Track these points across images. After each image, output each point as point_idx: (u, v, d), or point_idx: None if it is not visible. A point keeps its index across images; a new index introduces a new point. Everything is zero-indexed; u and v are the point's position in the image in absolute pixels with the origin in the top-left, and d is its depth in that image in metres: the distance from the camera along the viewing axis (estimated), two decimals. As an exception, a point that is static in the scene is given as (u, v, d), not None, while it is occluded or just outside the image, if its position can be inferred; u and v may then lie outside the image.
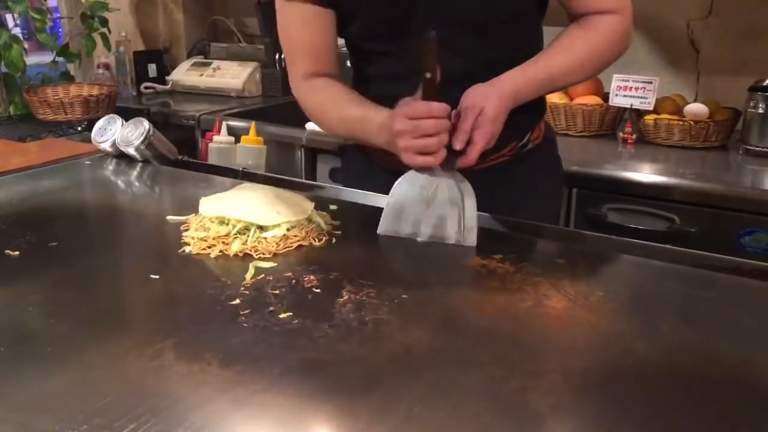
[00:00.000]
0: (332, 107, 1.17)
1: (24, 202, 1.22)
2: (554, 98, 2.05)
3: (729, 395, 0.64)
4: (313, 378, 0.65)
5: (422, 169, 0.98)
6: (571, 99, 2.08)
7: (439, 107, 0.95)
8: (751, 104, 1.83)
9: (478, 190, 1.13)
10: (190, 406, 0.61)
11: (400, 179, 1.00)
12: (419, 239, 0.98)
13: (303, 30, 1.16)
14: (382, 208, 1.01)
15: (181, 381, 0.65)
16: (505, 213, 1.10)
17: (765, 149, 1.80)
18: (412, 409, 0.61)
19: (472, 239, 0.96)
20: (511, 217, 1.09)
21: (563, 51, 1.09)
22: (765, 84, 1.85)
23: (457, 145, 0.97)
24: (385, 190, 1.15)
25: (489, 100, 0.99)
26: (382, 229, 0.99)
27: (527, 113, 1.15)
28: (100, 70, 2.82)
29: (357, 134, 1.16)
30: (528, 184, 1.24)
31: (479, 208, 1.00)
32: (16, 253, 0.95)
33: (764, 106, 1.80)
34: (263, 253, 0.94)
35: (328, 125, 1.23)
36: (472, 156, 0.97)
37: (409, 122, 0.95)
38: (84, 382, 0.65)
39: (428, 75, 0.93)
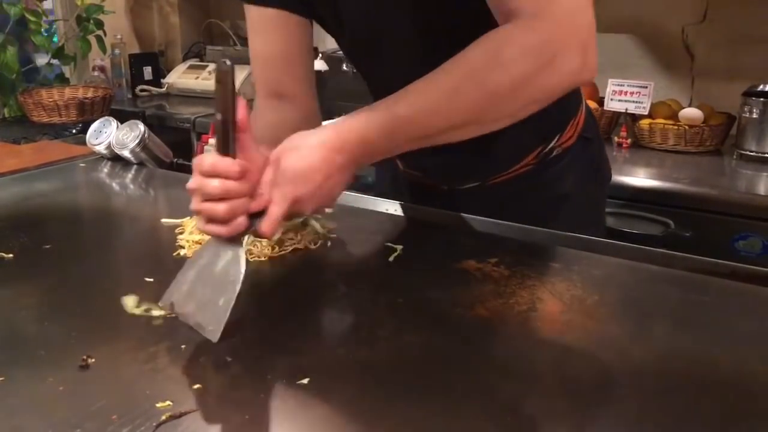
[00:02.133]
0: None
1: (18, 204, 1.22)
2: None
3: (723, 399, 0.64)
4: (308, 382, 0.65)
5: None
6: (567, 103, 2.09)
7: (230, 165, 0.73)
8: (746, 109, 1.84)
9: (500, 206, 1.09)
10: (183, 411, 0.61)
11: (201, 246, 0.82)
12: (177, 315, 0.77)
13: (270, 36, 1.02)
14: (380, 212, 1.00)
15: (175, 385, 0.65)
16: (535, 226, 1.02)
17: (759, 154, 1.81)
18: (407, 414, 0.61)
19: (214, 334, 0.72)
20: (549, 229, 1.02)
21: (424, 83, 0.80)
22: (759, 89, 1.86)
23: (252, 207, 0.76)
24: (415, 201, 1.14)
25: (292, 151, 0.78)
26: (161, 302, 0.79)
27: (553, 113, 0.98)
28: (96, 73, 2.82)
29: None
30: (559, 194, 1.11)
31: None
32: (10, 255, 0.95)
33: (758, 111, 1.81)
34: (258, 257, 0.94)
35: None
36: (265, 225, 0.76)
37: (196, 179, 0.75)
38: (77, 386, 0.64)
39: (218, 117, 0.73)
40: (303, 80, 1.06)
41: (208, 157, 0.74)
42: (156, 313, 0.78)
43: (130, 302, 0.79)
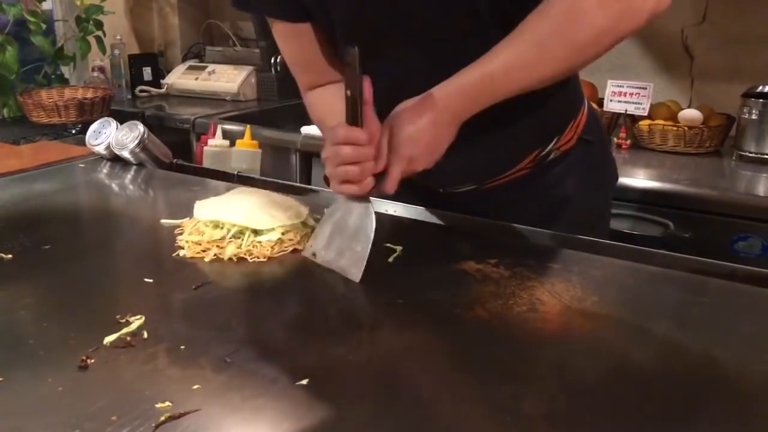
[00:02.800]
0: (323, 121, 1.09)
1: (18, 205, 1.21)
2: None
3: (723, 400, 0.64)
4: (308, 383, 0.65)
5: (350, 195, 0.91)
6: (566, 104, 2.09)
7: (359, 133, 0.85)
8: (745, 110, 1.84)
9: (496, 210, 1.08)
10: (183, 411, 0.60)
11: (333, 204, 0.96)
12: (321, 262, 0.93)
13: (289, 45, 1.09)
14: (380, 213, 1.01)
15: (174, 385, 0.65)
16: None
17: (758, 155, 1.81)
18: (406, 415, 0.61)
19: (357, 274, 0.87)
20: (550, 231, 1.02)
21: (513, 41, 0.87)
22: (758, 90, 1.86)
23: (376, 168, 0.87)
24: (411, 203, 1.14)
25: (401, 117, 0.88)
26: (305, 252, 0.96)
27: (552, 115, 1.05)
28: (95, 73, 2.81)
29: None
30: (557, 198, 1.10)
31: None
32: (9, 256, 0.95)
33: (758, 112, 1.81)
34: (258, 257, 0.94)
35: None
36: (388, 185, 0.88)
37: (331, 148, 0.87)
38: (76, 386, 0.64)
39: (348, 93, 0.85)
40: (333, 72, 1.08)
41: (340, 129, 0.85)
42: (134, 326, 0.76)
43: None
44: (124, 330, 0.74)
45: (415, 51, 0.98)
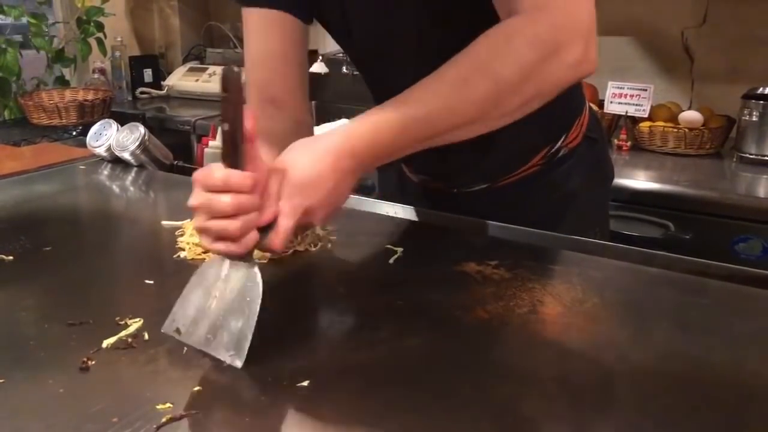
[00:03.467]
0: None
1: (18, 206, 1.22)
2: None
3: (723, 401, 0.64)
4: (307, 384, 0.65)
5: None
6: (566, 106, 2.09)
7: (241, 178, 0.68)
8: (745, 112, 1.84)
9: (507, 207, 1.09)
10: (184, 413, 0.60)
11: (205, 263, 0.75)
12: (187, 341, 0.72)
13: (262, 36, 1.00)
14: (380, 215, 1.00)
15: (175, 387, 0.65)
16: (541, 229, 1.03)
17: (759, 157, 1.81)
18: (407, 416, 0.61)
19: (236, 359, 0.68)
20: (551, 232, 1.02)
21: (434, 79, 0.78)
22: (759, 92, 1.86)
23: (261, 220, 0.71)
24: (422, 204, 1.14)
25: (297, 160, 0.74)
26: (165, 327, 0.74)
27: (559, 113, 1.04)
28: (96, 75, 2.82)
29: None
30: (566, 194, 1.11)
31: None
32: (10, 257, 0.95)
33: (758, 113, 1.81)
34: (258, 259, 0.94)
35: None
36: (276, 240, 0.72)
37: (203, 195, 0.69)
38: (77, 388, 0.64)
39: (225, 127, 0.68)
40: (296, 87, 1.02)
41: (216, 171, 0.69)
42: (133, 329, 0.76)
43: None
44: (124, 332, 0.74)
45: (426, 60, 0.98)
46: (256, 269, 0.71)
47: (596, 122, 1.17)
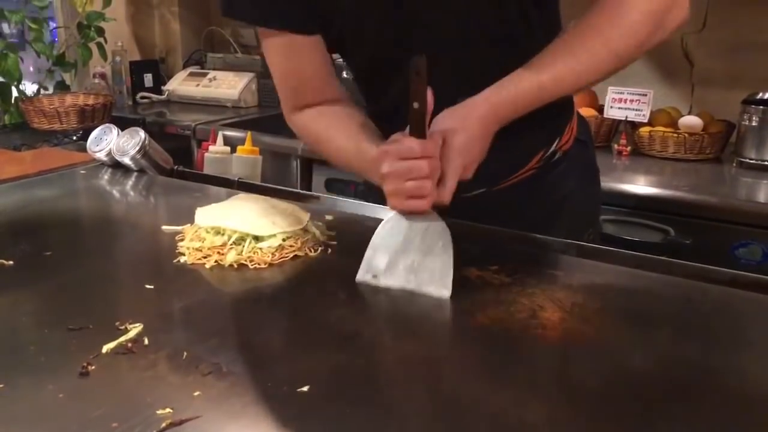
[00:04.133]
0: (326, 140, 1.07)
1: (18, 211, 1.22)
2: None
3: (724, 407, 0.64)
4: (308, 390, 0.64)
5: (411, 212, 0.87)
6: (566, 111, 2.09)
7: (433, 145, 0.84)
8: (745, 117, 1.84)
9: (504, 210, 1.10)
10: (184, 418, 0.60)
11: (383, 222, 0.89)
12: (395, 285, 0.87)
13: (287, 63, 1.05)
14: (380, 219, 1.00)
15: (175, 392, 0.65)
16: (538, 231, 1.04)
17: (759, 162, 1.81)
18: (407, 422, 0.61)
19: (444, 291, 0.85)
20: (548, 236, 1.03)
21: (563, 50, 0.91)
22: (758, 97, 1.87)
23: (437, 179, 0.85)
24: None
25: (453, 127, 0.87)
26: (360, 276, 0.89)
27: (553, 117, 1.08)
28: (96, 80, 2.82)
29: (354, 169, 1.04)
30: (561, 197, 1.14)
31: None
32: (10, 262, 0.95)
33: (758, 118, 1.81)
34: (258, 264, 0.94)
35: (327, 157, 1.10)
36: (444, 195, 0.86)
37: (399, 163, 0.83)
38: (77, 393, 0.64)
39: (416, 105, 0.81)
40: (333, 86, 1.08)
41: (412, 143, 0.83)
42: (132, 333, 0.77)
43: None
44: (124, 337, 0.74)
45: (444, 64, 0.98)
46: (440, 219, 0.87)
47: (585, 125, 1.22)
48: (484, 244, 1.04)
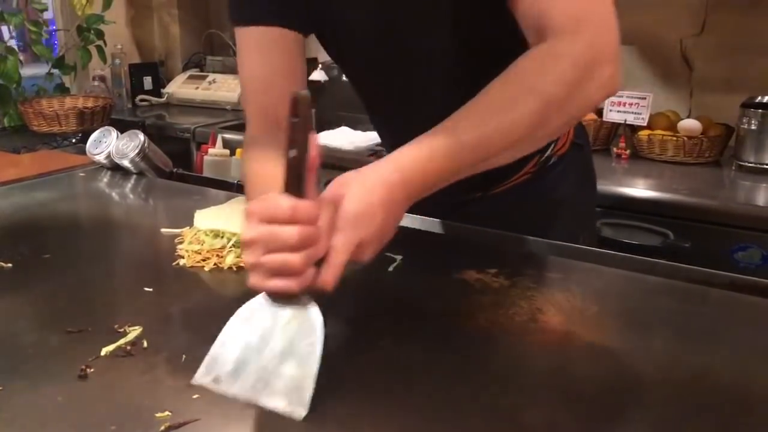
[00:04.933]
0: (249, 182, 0.94)
1: (17, 213, 1.21)
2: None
3: (723, 410, 0.64)
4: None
5: (275, 294, 0.66)
6: (566, 114, 2.09)
7: (308, 208, 0.64)
8: (744, 120, 1.84)
9: (500, 215, 1.10)
10: (183, 421, 0.60)
11: (241, 308, 0.67)
12: (238, 395, 0.64)
13: (260, 55, 0.97)
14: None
15: (174, 395, 0.64)
16: (534, 234, 1.04)
17: (758, 165, 1.81)
18: (407, 425, 0.61)
19: (300, 411, 0.62)
20: (544, 239, 1.03)
21: (481, 102, 0.78)
22: (757, 100, 1.87)
23: (318, 255, 0.66)
24: (416, 214, 1.12)
25: (350, 191, 0.70)
26: (198, 378, 0.65)
27: None
28: (96, 83, 2.82)
29: None
30: (556, 200, 1.13)
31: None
32: (9, 265, 0.95)
33: (757, 122, 1.81)
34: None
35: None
36: (329, 276, 0.67)
37: (261, 228, 0.65)
38: (76, 396, 0.64)
39: (292, 153, 0.64)
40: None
41: (282, 201, 0.64)
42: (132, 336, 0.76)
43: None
44: (123, 340, 0.74)
45: (429, 91, 0.98)
46: (315, 308, 0.66)
47: (582, 129, 1.20)
48: (483, 247, 1.04)
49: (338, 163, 1.96)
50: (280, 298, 0.66)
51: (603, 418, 0.63)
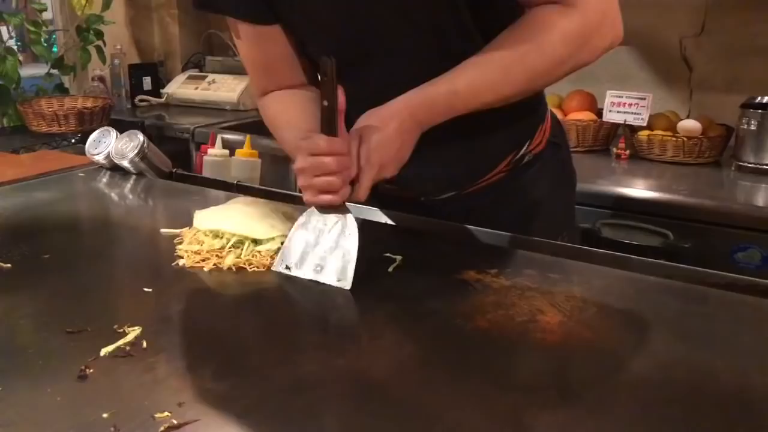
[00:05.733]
0: (277, 127, 1.10)
1: (17, 214, 1.21)
2: (548, 113, 2.06)
3: (723, 410, 0.64)
4: (307, 393, 0.64)
5: (322, 206, 0.91)
6: (565, 114, 2.09)
7: (341, 143, 0.86)
8: (744, 121, 1.84)
9: (476, 214, 1.11)
10: (182, 422, 0.60)
11: (300, 217, 0.93)
12: (304, 276, 0.91)
13: (251, 47, 1.08)
14: (380, 222, 1.01)
15: (173, 395, 0.64)
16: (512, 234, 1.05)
17: (757, 165, 1.81)
18: (407, 425, 0.61)
19: (346, 284, 0.87)
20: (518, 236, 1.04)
21: (479, 62, 0.92)
22: (757, 101, 1.87)
23: (351, 176, 0.89)
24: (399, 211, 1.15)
25: (369, 125, 0.90)
26: (275, 266, 0.93)
27: (522, 120, 1.08)
28: (95, 83, 2.82)
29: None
30: (533, 199, 1.15)
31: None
32: (9, 265, 0.95)
33: (756, 122, 1.81)
34: (257, 267, 0.94)
35: (280, 144, 1.13)
36: (360, 193, 0.89)
37: (309, 159, 0.87)
38: (76, 396, 0.64)
39: (325, 103, 0.86)
40: (298, 70, 1.09)
41: (320, 140, 0.86)
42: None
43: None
44: (122, 340, 0.74)
45: (398, 65, 0.99)
46: (351, 215, 0.90)
47: (560, 128, 1.21)
48: (484, 246, 1.04)
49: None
50: (326, 208, 0.91)
51: (603, 418, 0.63)
